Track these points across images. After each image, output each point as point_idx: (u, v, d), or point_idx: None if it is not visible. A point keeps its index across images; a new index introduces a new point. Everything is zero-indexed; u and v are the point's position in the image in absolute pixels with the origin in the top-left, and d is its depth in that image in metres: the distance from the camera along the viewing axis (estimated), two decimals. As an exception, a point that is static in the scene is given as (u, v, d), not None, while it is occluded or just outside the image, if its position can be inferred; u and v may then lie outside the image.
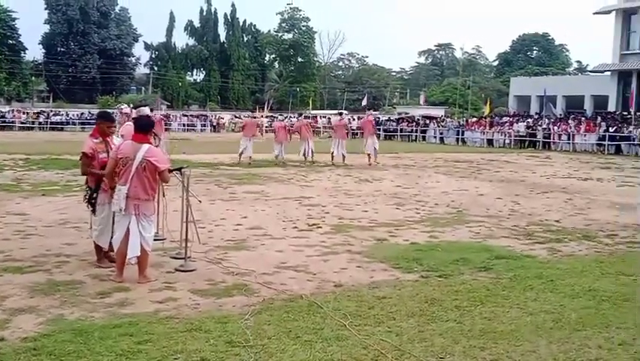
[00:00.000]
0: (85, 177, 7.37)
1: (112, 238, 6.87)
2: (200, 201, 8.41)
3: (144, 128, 6.69)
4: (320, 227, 10.01)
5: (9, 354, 4.50)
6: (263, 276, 6.89)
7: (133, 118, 7.66)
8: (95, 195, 7.07)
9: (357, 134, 36.38)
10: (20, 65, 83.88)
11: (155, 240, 8.04)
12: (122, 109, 11.90)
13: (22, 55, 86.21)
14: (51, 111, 55.31)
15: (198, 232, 7.64)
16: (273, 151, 23.12)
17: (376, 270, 7.33)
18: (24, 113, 52.43)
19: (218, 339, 4.91)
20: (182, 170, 7.36)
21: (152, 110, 16.29)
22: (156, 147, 7.76)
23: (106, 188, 6.88)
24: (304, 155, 22.86)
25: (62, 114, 53.50)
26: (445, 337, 5.11)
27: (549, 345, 4.99)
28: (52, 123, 49.10)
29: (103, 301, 5.85)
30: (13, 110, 54.03)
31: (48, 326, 5.13)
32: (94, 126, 7.50)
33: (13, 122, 48.43)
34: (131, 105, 16.30)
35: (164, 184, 7.92)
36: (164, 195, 8.48)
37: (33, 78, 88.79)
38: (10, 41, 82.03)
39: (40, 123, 49.22)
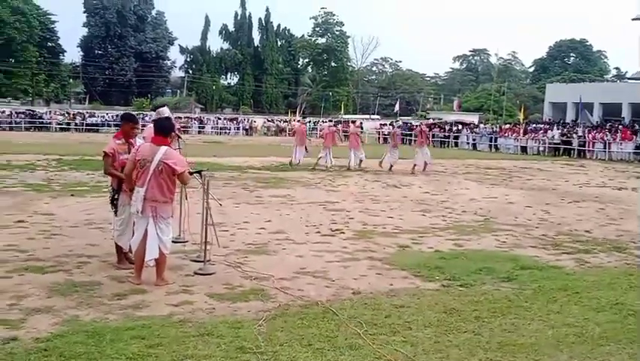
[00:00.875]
0: (109, 177, 7.43)
1: (132, 239, 6.88)
2: (220, 205, 8.40)
3: (164, 130, 6.69)
4: (343, 232, 9.93)
5: (20, 354, 4.51)
6: (281, 281, 6.83)
7: (152, 120, 7.68)
8: (116, 196, 7.11)
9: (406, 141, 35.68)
10: (59, 67, 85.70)
11: (176, 242, 8.14)
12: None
13: (61, 57, 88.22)
14: (87, 113, 56.28)
15: (218, 235, 7.63)
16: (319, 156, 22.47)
17: (396, 278, 7.21)
18: (61, 114, 53.46)
19: (230, 345, 4.86)
20: (202, 173, 7.35)
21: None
22: (178, 149, 7.80)
23: (126, 189, 6.90)
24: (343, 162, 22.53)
25: (98, 116, 54.32)
26: (461, 348, 4.98)
27: (570, 360, 4.82)
28: (87, 125, 49.90)
29: (119, 303, 5.86)
30: (50, 112, 55.15)
31: (62, 327, 5.14)
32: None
33: (50, 123, 49.38)
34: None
35: (186, 187, 7.97)
36: (186, 198, 8.51)
37: (71, 80, 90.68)
38: (50, 44, 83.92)
39: (76, 125, 50.07)
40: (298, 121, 28.26)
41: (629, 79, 66.95)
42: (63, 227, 9.47)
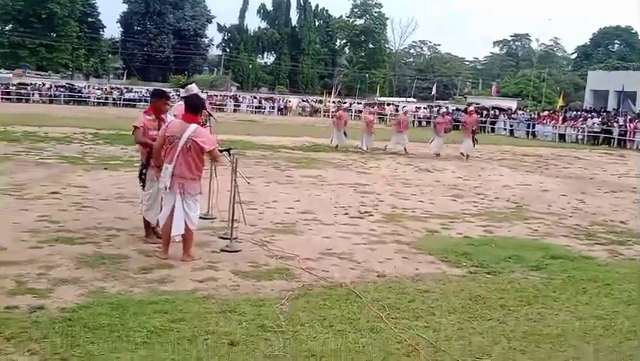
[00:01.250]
0: (139, 152, 7.48)
1: (160, 214, 6.93)
2: (249, 183, 8.37)
3: (194, 107, 6.69)
4: (372, 215, 9.87)
5: (45, 323, 4.58)
6: (306, 261, 6.82)
7: (183, 97, 7.69)
8: (144, 171, 7.16)
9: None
10: (99, 43, 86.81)
11: (204, 219, 8.19)
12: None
13: (101, 33, 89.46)
14: (125, 88, 56.91)
15: (246, 213, 7.65)
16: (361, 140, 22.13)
17: (423, 262, 7.14)
18: (99, 89, 54.17)
19: (251, 322, 4.87)
20: (231, 151, 7.34)
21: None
22: (208, 127, 7.81)
23: (153, 165, 6.93)
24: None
25: (135, 92, 54.88)
26: (484, 336, 4.91)
27: (595, 353, 4.72)
28: (125, 100, 50.47)
29: (145, 277, 5.91)
30: (89, 86, 55.93)
31: (88, 298, 5.21)
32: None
33: (88, 97, 50.09)
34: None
35: (217, 164, 7.98)
36: (216, 175, 8.52)
37: (110, 55, 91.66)
38: (90, 19, 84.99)
39: (114, 99, 50.71)
40: (336, 104, 27.78)
41: (675, 68, 65.00)
42: (94, 200, 9.61)
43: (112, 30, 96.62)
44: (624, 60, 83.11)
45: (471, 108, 24.66)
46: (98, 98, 50.08)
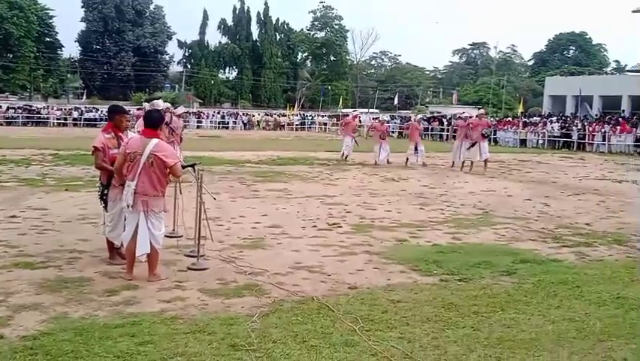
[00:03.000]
0: (99, 172, 7.28)
1: (123, 234, 6.74)
2: (214, 199, 8.25)
3: (154, 122, 6.54)
4: (340, 226, 9.79)
5: (5, 353, 4.38)
6: (276, 276, 6.70)
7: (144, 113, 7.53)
8: (106, 191, 6.97)
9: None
10: (57, 62, 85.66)
11: (170, 237, 8.01)
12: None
13: (59, 52, 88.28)
14: (85, 108, 56.06)
15: (212, 229, 7.51)
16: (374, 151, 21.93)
17: (394, 272, 7.08)
18: (58, 109, 53.27)
19: (222, 342, 4.73)
20: (195, 166, 7.21)
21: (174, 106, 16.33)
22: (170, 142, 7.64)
23: (116, 184, 6.75)
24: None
25: (96, 111, 54.07)
26: (459, 345, 4.85)
27: (570, 356, 4.70)
28: (85, 120, 49.69)
29: (109, 300, 5.72)
30: (48, 107, 54.97)
31: (50, 324, 5.00)
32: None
33: (48, 118, 49.20)
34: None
35: (180, 179, 7.82)
36: (180, 192, 8.36)
37: (69, 75, 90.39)
38: (48, 39, 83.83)
39: (74, 119, 49.89)
40: (353, 115, 27.41)
41: (628, 71, 66.76)
42: (55, 222, 9.33)
43: (70, 49, 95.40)
44: (580, 65, 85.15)
45: (481, 111, 24.10)
46: (57, 119, 49.24)
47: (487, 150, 20.54)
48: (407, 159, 21.66)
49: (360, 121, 26.09)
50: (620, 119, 37.68)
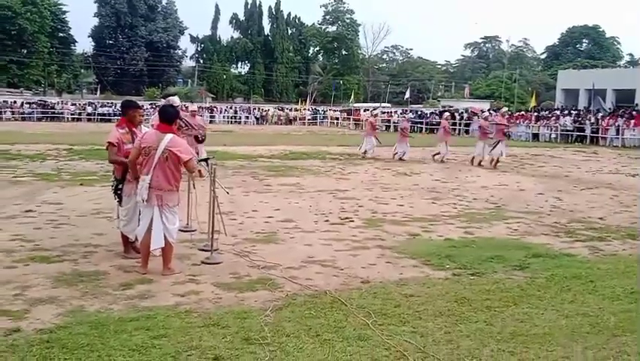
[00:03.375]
0: (113, 167, 7.33)
1: (138, 228, 6.79)
2: (227, 193, 8.29)
3: (168, 118, 6.58)
4: (352, 221, 9.81)
5: (22, 346, 4.44)
6: (289, 270, 6.74)
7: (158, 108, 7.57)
8: (120, 186, 7.02)
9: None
10: (71, 58, 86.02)
11: (185, 231, 8.08)
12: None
13: (73, 48, 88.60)
14: (99, 103, 56.40)
15: (226, 224, 7.55)
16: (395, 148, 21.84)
17: (406, 266, 7.09)
18: (73, 104, 53.62)
19: (235, 335, 4.77)
20: (209, 160, 7.25)
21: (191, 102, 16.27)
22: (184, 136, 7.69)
23: (131, 179, 6.80)
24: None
25: (110, 106, 54.38)
26: (472, 339, 4.86)
27: (584, 351, 4.69)
28: (99, 115, 50.02)
29: (124, 293, 5.78)
30: (62, 102, 55.34)
31: (66, 318, 5.07)
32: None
33: (62, 113, 49.55)
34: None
35: (194, 175, 7.87)
36: (194, 187, 8.41)
37: (82, 70, 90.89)
38: (61, 34, 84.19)
39: (88, 114, 50.24)
40: (373, 113, 27.13)
41: (642, 65, 66.13)
42: (71, 217, 9.42)
43: (84, 44, 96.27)
44: (593, 59, 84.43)
45: (504, 109, 23.66)
46: (72, 114, 49.57)
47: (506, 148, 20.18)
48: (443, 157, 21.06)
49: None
50: (633, 112, 37.36)
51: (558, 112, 42.04)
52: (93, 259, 7.01)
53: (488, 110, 45.86)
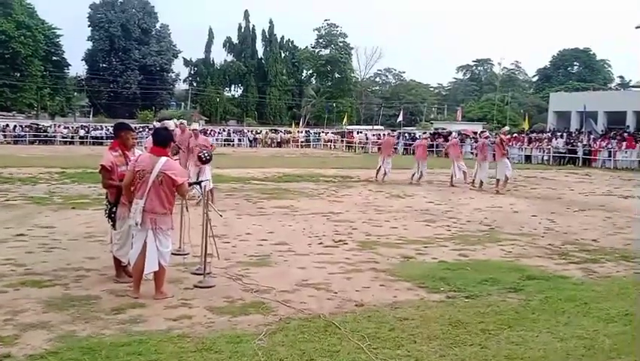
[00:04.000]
0: (106, 190, 7.30)
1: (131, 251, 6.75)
2: (221, 216, 8.27)
3: (162, 141, 6.58)
4: (346, 243, 9.79)
5: (12, 372, 4.39)
6: (282, 294, 6.70)
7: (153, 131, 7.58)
8: (114, 209, 6.98)
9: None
10: (64, 81, 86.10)
11: (177, 255, 8.03)
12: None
13: (66, 71, 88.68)
14: (91, 126, 56.41)
15: (219, 247, 7.51)
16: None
17: (400, 289, 7.07)
18: (65, 127, 53.60)
19: (229, 360, 4.72)
20: (202, 183, 7.23)
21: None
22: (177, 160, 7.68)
23: (125, 202, 6.77)
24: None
25: (102, 129, 54.38)
26: (467, 362, 4.83)
27: (579, 374, 4.67)
28: (92, 138, 49.99)
29: (116, 318, 5.72)
30: (55, 125, 55.32)
31: (57, 343, 5.01)
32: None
33: (54, 136, 49.50)
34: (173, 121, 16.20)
35: (186, 199, 7.85)
36: (187, 210, 8.39)
37: (76, 94, 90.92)
38: (55, 58, 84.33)
39: (80, 137, 50.20)
40: (388, 134, 26.69)
41: (633, 87, 66.75)
42: (62, 240, 9.36)
43: (77, 68, 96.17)
44: (584, 81, 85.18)
45: (505, 129, 22.93)
46: (64, 137, 49.52)
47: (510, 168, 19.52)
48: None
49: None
50: (625, 134, 37.65)
51: (549, 134, 42.30)
52: (85, 283, 6.95)
53: (481, 131, 46.10)
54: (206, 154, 12.35)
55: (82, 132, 51.67)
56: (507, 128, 22.71)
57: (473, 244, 10.03)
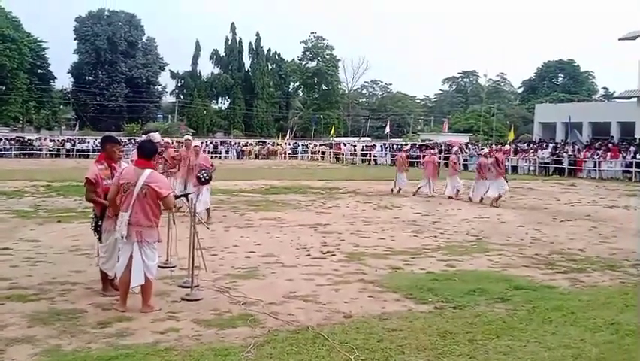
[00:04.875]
0: (91, 203, 7.25)
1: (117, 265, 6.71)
2: (208, 228, 8.26)
3: (147, 153, 6.56)
4: (334, 255, 9.78)
5: (-4, 387, 4.33)
6: (270, 306, 6.67)
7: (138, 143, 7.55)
8: (100, 223, 6.94)
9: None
10: (49, 94, 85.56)
11: (164, 268, 7.98)
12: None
13: (52, 84, 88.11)
14: (77, 139, 56.14)
15: (206, 259, 7.49)
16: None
17: (388, 300, 7.06)
18: (51, 140, 53.30)
19: (216, 373, 4.69)
20: (189, 196, 7.21)
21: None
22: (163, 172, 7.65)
23: (111, 215, 6.73)
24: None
25: (89, 142, 54.11)
26: (455, 373, 4.83)
27: (567, 383, 4.68)
28: (78, 151, 49.76)
29: (103, 332, 5.68)
30: (40, 138, 55.00)
31: (42, 358, 4.96)
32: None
33: (40, 149, 49.21)
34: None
35: (173, 212, 7.81)
36: (174, 222, 8.35)
37: (61, 107, 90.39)
38: (40, 71, 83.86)
39: (67, 150, 49.95)
40: (403, 149, 26.14)
41: (616, 98, 67.37)
42: (48, 254, 9.29)
43: (63, 81, 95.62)
44: (568, 92, 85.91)
45: (506, 147, 21.56)
46: (50, 150, 49.25)
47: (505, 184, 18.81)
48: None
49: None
50: (610, 145, 37.98)
51: (529, 145, 42.60)
52: (71, 297, 6.89)
53: (466, 144, 46.44)
54: (205, 175, 12.22)
55: (68, 145, 51.41)
56: (507, 147, 21.55)
57: (461, 254, 10.06)
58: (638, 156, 32.72)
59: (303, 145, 61.57)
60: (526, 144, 44.81)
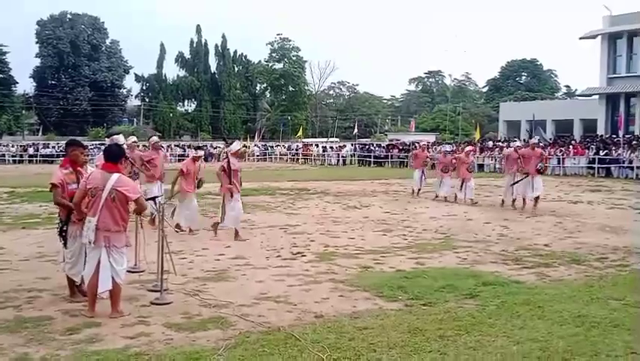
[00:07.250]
0: (58, 209, 7.14)
1: (84, 270, 6.62)
2: (177, 231, 8.18)
3: (114, 156, 6.49)
4: (304, 255, 9.79)
5: (-38, 398, 4.24)
6: (241, 308, 6.66)
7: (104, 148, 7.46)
8: (65, 228, 6.84)
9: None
10: (11, 99, 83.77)
11: (132, 272, 7.90)
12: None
13: (13, 88, 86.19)
14: (40, 144, 55.14)
15: (175, 263, 7.43)
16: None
17: (359, 299, 7.10)
18: (13, 146, 52.27)
19: (188, 376, 4.66)
20: (157, 199, 7.15)
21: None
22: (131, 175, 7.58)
23: (76, 220, 6.64)
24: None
25: (53, 147, 53.19)
26: (427, 369, 4.88)
27: (535, 376, 4.76)
28: (42, 156, 48.87)
29: (71, 338, 5.60)
30: (2, 144, 53.88)
31: (9, 366, 4.87)
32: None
33: (3, 155, 48.22)
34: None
35: (142, 215, 7.74)
36: (141, 226, 8.28)
37: (24, 112, 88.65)
38: (1, 75, 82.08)
39: (30, 156, 49.02)
40: (421, 146, 23.92)
41: (578, 96, 68.75)
42: (13, 261, 9.13)
43: (25, 85, 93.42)
44: (532, 91, 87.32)
45: (534, 140, 19.50)
46: (13, 156, 48.28)
47: (541, 185, 17.04)
48: (455, 195, 18.94)
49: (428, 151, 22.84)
50: (573, 142, 38.73)
51: (506, 143, 43.19)
52: (37, 304, 6.78)
53: (434, 143, 46.84)
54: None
55: (31, 150, 50.46)
56: (535, 140, 19.23)
57: (429, 252, 10.16)
58: (600, 153, 33.44)
59: (270, 147, 61.42)
60: (491, 143, 45.43)
